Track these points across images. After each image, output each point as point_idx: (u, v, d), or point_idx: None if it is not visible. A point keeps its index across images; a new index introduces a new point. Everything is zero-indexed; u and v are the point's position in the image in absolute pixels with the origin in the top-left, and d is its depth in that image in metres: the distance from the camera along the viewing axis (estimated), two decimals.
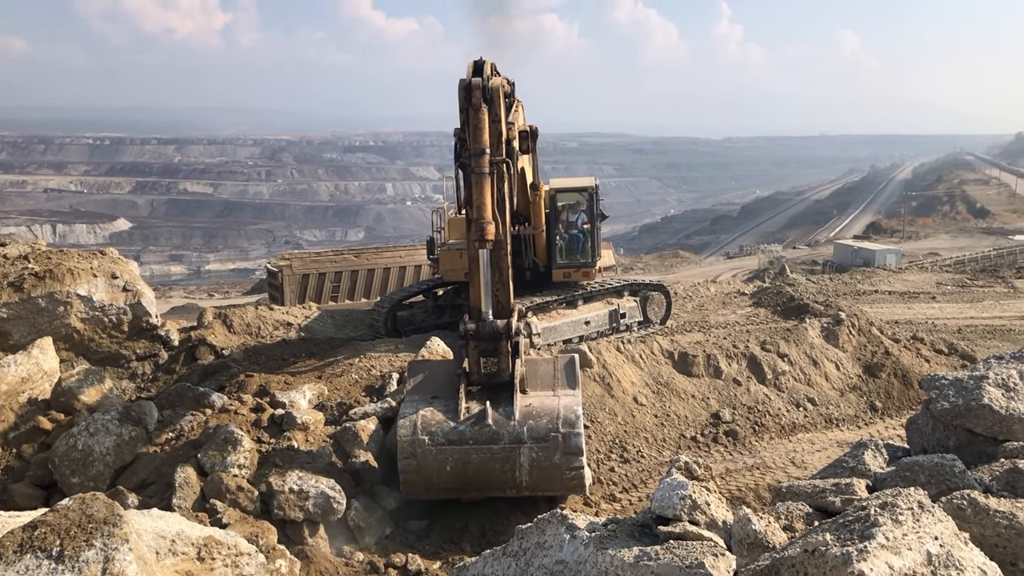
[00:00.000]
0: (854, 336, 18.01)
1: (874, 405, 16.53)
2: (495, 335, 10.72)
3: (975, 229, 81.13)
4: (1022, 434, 6.78)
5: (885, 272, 36.46)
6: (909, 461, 5.33)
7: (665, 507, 4.54)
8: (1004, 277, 32.73)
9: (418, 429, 10.31)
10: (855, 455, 6.87)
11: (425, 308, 18.95)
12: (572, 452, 10.41)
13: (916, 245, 69.44)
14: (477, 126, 10.45)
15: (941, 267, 42.54)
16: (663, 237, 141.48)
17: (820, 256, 66.77)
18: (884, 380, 17.01)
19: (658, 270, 56.87)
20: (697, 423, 15.27)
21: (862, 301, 26.72)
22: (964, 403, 6.93)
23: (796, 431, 15.62)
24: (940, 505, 3.80)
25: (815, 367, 17.04)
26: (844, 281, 32.06)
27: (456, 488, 10.60)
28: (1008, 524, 3.66)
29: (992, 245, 62.24)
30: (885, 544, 3.06)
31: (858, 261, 55.31)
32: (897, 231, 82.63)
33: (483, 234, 10.38)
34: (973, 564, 3.19)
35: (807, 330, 17.79)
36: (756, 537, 4.17)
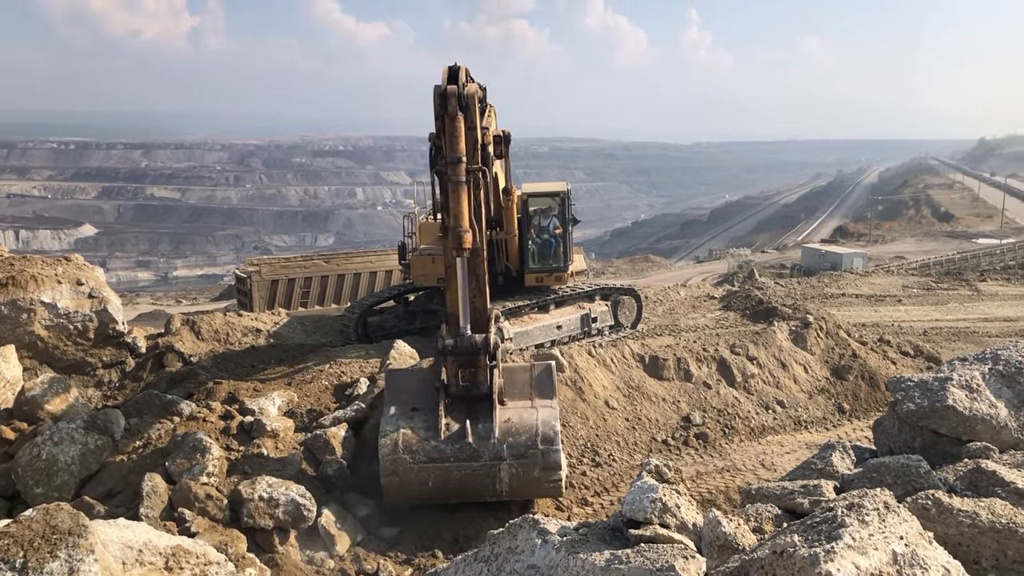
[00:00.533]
0: (822, 339, 18.20)
1: (842, 407, 16.71)
2: (473, 350, 10.70)
3: (940, 233, 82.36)
4: (985, 434, 6.89)
5: (852, 275, 36.90)
6: (876, 462, 5.40)
7: (636, 510, 4.56)
8: (968, 280, 33.26)
9: (399, 448, 10.37)
10: (823, 457, 6.94)
11: (396, 313, 18.89)
12: (551, 467, 10.56)
13: (882, 249, 70.33)
14: (453, 134, 10.39)
15: (907, 270, 43.16)
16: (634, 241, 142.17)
17: (788, 260, 67.39)
18: (851, 382, 17.21)
19: (629, 274, 57.09)
20: (668, 426, 15.34)
21: (830, 304, 27.03)
22: (929, 404, 7.03)
23: (765, 433, 15.74)
24: (905, 505, 3.85)
25: (784, 370, 17.20)
26: (812, 285, 32.41)
27: (438, 498, 10.75)
28: (971, 523, 3.71)
29: (956, 249, 63.20)
30: (852, 544, 3.10)
31: (826, 265, 55.91)
32: (864, 235, 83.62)
33: (461, 242, 10.34)
34: (937, 563, 3.23)
35: (776, 333, 17.95)
36: (726, 539, 4.20)
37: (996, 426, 6.89)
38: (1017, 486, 4.42)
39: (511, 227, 16.90)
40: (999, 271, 38.59)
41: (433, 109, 10.64)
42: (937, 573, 3.18)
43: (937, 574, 3.17)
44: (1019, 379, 7.16)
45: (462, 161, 10.38)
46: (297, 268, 27.84)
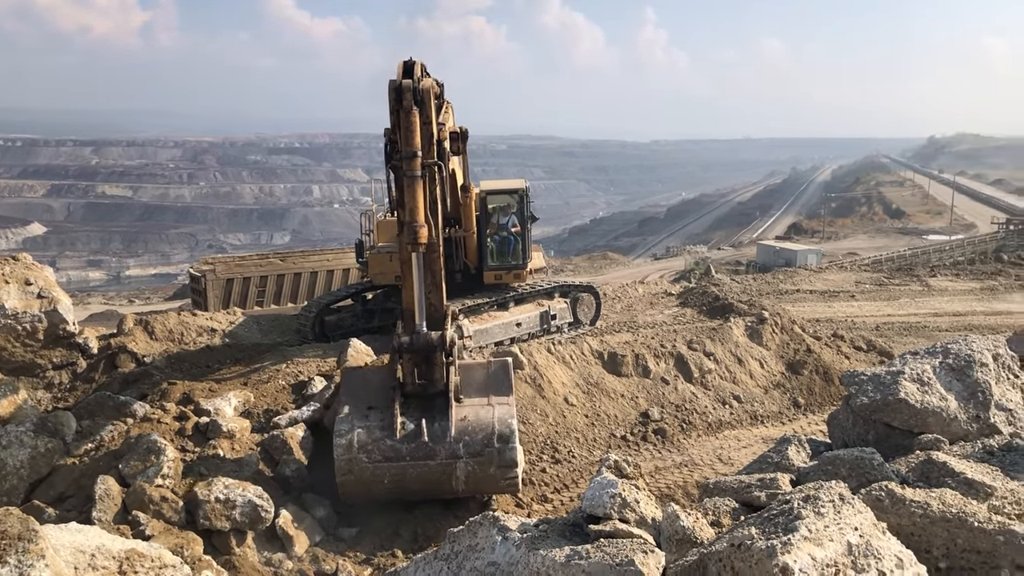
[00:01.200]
0: (777, 334, 18.44)
1: (797, 401, 16.96)
2: (429, 347, 10.63)
3: (891, 229, 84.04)
4: (936, 426, 7.04)
5: (806, 272, 37.48)
6: (830, 455, 5.48)
7: (595, 506, 4.57)
8: (919, 276, 33.96)
9: (354, 447, 10.27)
10: (779, 450, 7.03)
11: (354, 312, 18.75)
12: (507, 465, 10.52)
13: (836, 245, 71.57)
14: (408, 128, 10.32)
15: (860, 266, 43.87)
16: (592, 239, 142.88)
17: (744, 257, 68.29)
18: (806, 377, 17.47)
19: (588, 272, 57.37)
20: (627, 422, 15.43)
21: (784, 300, 27.42)
22: (882, 398, 7.15)
23: (723, 428, 15.91)
24: (860, 497, 3.91)
25: (740, 365, 17.40)
26: (767, 281, 32.84)
27: (394, 496, 10.70)
28: (923, 513, 3.78)
29: (908, 245, 64.45)
30: (808, 536, 3.14)
31: (780, 261, 56.75)
32: (817, 232, 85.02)
33: (416, 237, 10.28)
34: (890, 552, 3.29)
35: (732, 329, 18.15)
36: (684, 533, 4.23)
37: (946, 418, 7.03)
38: (966, 476, 4.52)
39: (469, 224, 16.87)
40: (949, 267, 39.44)
41: (388, 104, 10.56)
42: (890, 563, 3.23)
43: (890, 564, 3.23)
44: (968, 372, 7.31)
45: (417, 156, 10.31)
46: (253, 267, 27.51)
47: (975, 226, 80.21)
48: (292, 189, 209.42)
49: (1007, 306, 27.43)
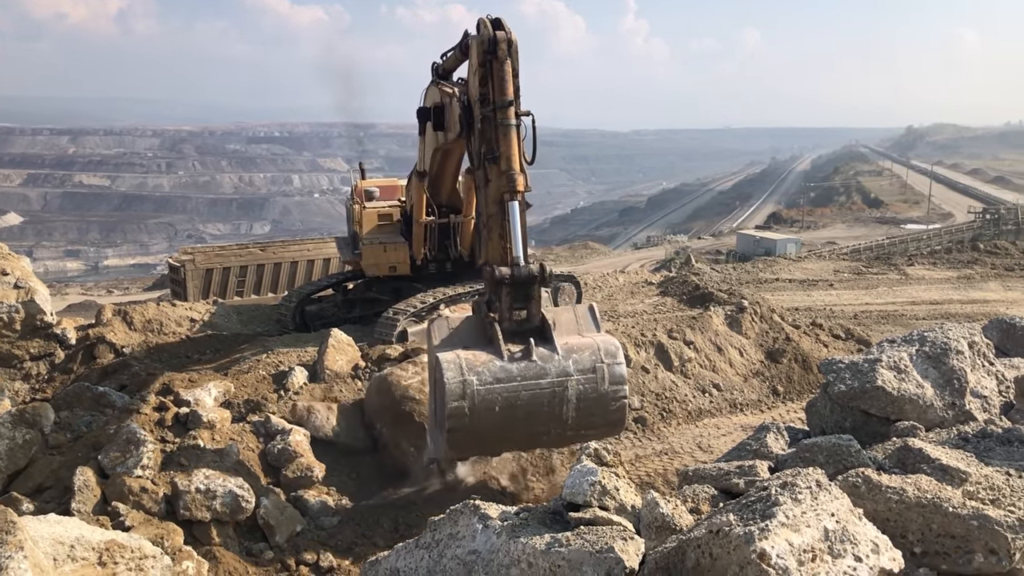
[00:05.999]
0: (756, 323, 18.56)
1: (776, 389, 17.09)
2: (531, 279, 10.22)
3: (870, 219, 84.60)
4: (912, 413, 7.12)
5: (785, 261, 37.70)
6: (808, 443, 5.53)
7: (576, 494, 4.59)
8: (897, 265, 34.22)
9: (464, 370, 9.71)
10: (758, 438, 7.09)
11: (335, 302, 18.69)
12: (616, 382, 10.13)
13: (815, 234, 71.98)
14: (503, 78, 10.37)
15: (838, 256, 44.23)
16: (573, 228, 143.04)
17: (724, 246, 68.50)
18: (785, 365, 17.60)
19: (569, 261, 57.42)
20: None
21: (764, 289, 27.56)
22: (859, 386, 7.22)
23: (702, 416, 16.02)
24: (837, 483, 3.95)
25: (720, 354, 17.50)
26: (747, 270, 32.99)
27: (501, 432, 10.07)
28: (898, 499, 3.83)
29: (886, 234, 65.00)
30: (785, 522, 3.17)
31: (760, 250, 56.99)
32: (797, 221, 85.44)
33: (514, 185, 10.21)
34: (867, 538, 3.33)
35: (712, 318, 18.25)
36: (664, 520, 4.26)
37: (923, 405, 7.12)
38: (942, 463, 4.57)
39: (469, 210, 16.71)
40: (926, 256, 39.74)
41: (473, 56, 10.69)
42: (866, 548, 3.27)
43: (866, 549, 3.27)
44: (944, 360, 7.40)
45: (512, 104, 10.34)
46: (232, 257, 27.33)
47: (952, 215, 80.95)
48: (272, 179, 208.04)
49: (983, 294, 27.70)
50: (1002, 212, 63.37)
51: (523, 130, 10.70)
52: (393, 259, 17.18)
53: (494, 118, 10.41)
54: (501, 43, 10.40)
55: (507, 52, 10.43)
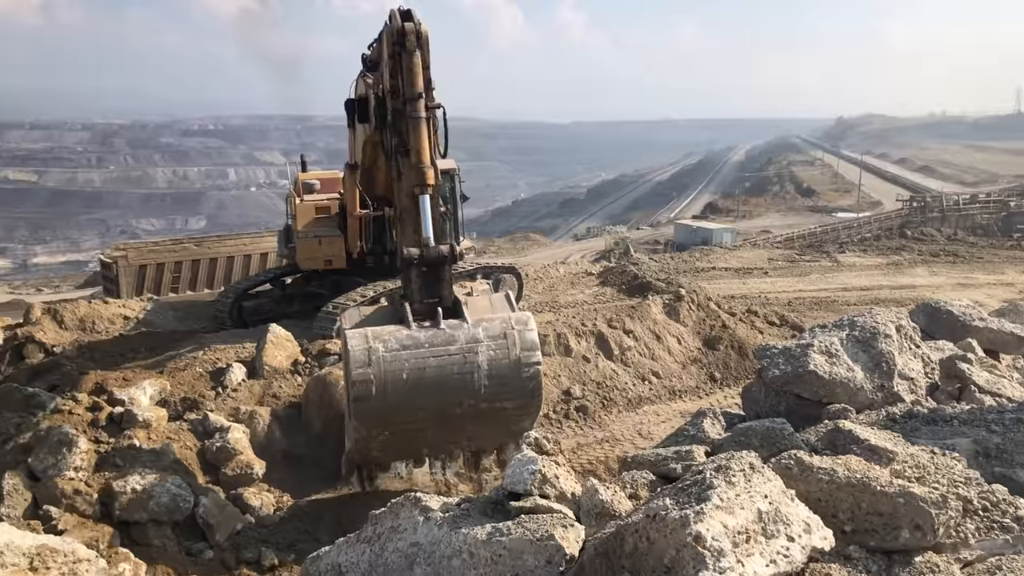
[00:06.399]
0: (694, 311, 18.83)
1: (713, 376, 17.37)
2: (440, 259, 10.17)
3: (803, 208, 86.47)
4: (843, 396, 7.33)
5: (722, 250, 38.35)
6: (743, 427, 5.66)
7: (516, 483, 4.62)
8: (828, 252, 35.11)
9: (370, 338, 9.50)
10: (695, 424, 7.24)
11: (273, 297, 18.43)
12: (529, 347, 9.92)
13: (750, 224, 73.29)
14: (412, 70, 10.22)
15: (772, 244, 45.17)
16: (514, 220, 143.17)
17: (662, 236, 69.30)
18: (722, 352, 17.90)
19: (510, 253, 57.55)
20: (549, 400, 15.57)
21: (701, 278, 28.01)
22: (792, 370, 7.42)
23: (642, 404, 16.21)
24: (770, 466, 4.05)
25: (659, 342, 17.72)
26: (684, 259, 33.49)
27: (411, 402, 9.68)
28: (829, 480, 3.94)
29: (818, 223, 66.40)
30: (720, 505, 3.24)
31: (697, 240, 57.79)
32: (733, 211, 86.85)
33: (424, 179, 10.08)
34: (799, 518, 3.42)
35: (650, 307, 18.46)
36: (603, 506, 4.32)
37: (853, 388, 7.34)
38: (870, 443, 4.72)
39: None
40: (856, 243, 40.89)
41: (385, 49, 10.49)
42: (799, 528, 3.37)
43: (799, 529, 3.36)
44: (873, 344, 7.64)
45: (422, 97, 10.20)
46: (167, 252, 26.74)
47: (881, 204, 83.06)
48: (207, 172, 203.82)
49: (911, 279, 28.57)
50: (928, 200, 65.23)
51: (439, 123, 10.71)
52: (328, 253, 16.99)
53: (404, 111, 10.29)
54: (409, 34, 10.27)
55: (416, 43, 10.28)
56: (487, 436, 10.57)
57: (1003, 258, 32.92)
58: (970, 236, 42.78)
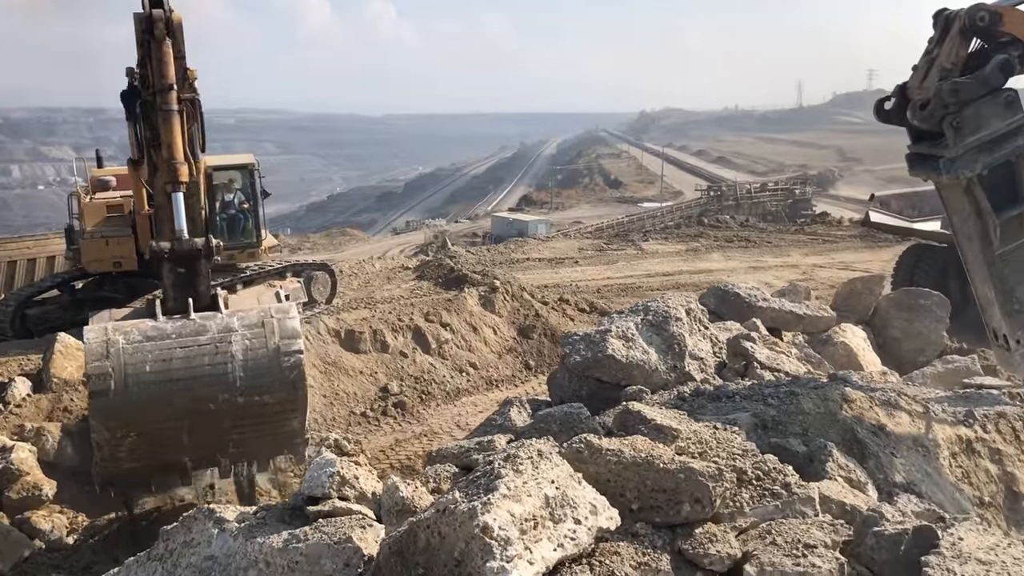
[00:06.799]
0: (508, 302, 19.20)
1: (528, 364, 17.78)
2: (194, 253, 9.48)
3: (611, 199, 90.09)
4: (640, 378, 7.69)
5: (535, 241, 39.22)
6: (543, 413, 5.81)
7: (314, 487, 4.52)
8: (633, 241, 36.68)
9: (109, 331, 8.67)
10: (502, 413, 7.38)
11: (61, 304, 17.08)
12: (289, 335, 9.28)
13: (563, 215, 75.53)
14: (161, 59, 9.46)
15: (583, 234, 46.69)
16: (330, 216, 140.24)
17: (480, 229, 70.09)
18: (536, 340, 18.36)
19: (327, 249, 56.28)
20: (366, 398, 15.43)
21: (515, 269, 28.54)
22: (592, 356, 7.70)
23: (460, 395, 16.36)
24: (562, 450, 4.18)
25: (475, 333, 17.94)
26: (500, 251, 34.01)
27: (158, 398, 8.76)
28: (617, 460, 4.11)
29: (625, 213, 69.37)
30: (507, 494, 3.30)
31: (513, 232, 58.88)
32: (547, 203, 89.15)
33: (176, 175, 9.41)
34: (585, 500, 3.54)
35: (466, 299, 18.65)
36: (404, 504, 4.30)
37: (648, 370, 7.71)
38: (656, 423, 4.97)
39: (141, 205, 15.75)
40: (659, 231, 42.95)
41: (136, 37, 9.68)
42: (585, 510, 3.49)
43: (585, 511, 3.48)
44: (666, 327, 8.06)
45: (173, 88, 9.48)
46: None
47: (682, 193, 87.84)
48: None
49: (708, 264, 30.36)
50: (723, 189, 69.62)
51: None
52: (117, 253, 15.91)
53: (155, 102, 9.68)
54: (158, 21, 9.60)
55: (165, 31, 9.62)
56: (254, 443, 9.67)
57: (789, 242, 35.56)
58: (760, 222, 45.88)
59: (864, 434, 5.82)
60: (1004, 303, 6.70)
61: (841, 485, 4.93)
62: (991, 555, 3.76)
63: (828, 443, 5.38)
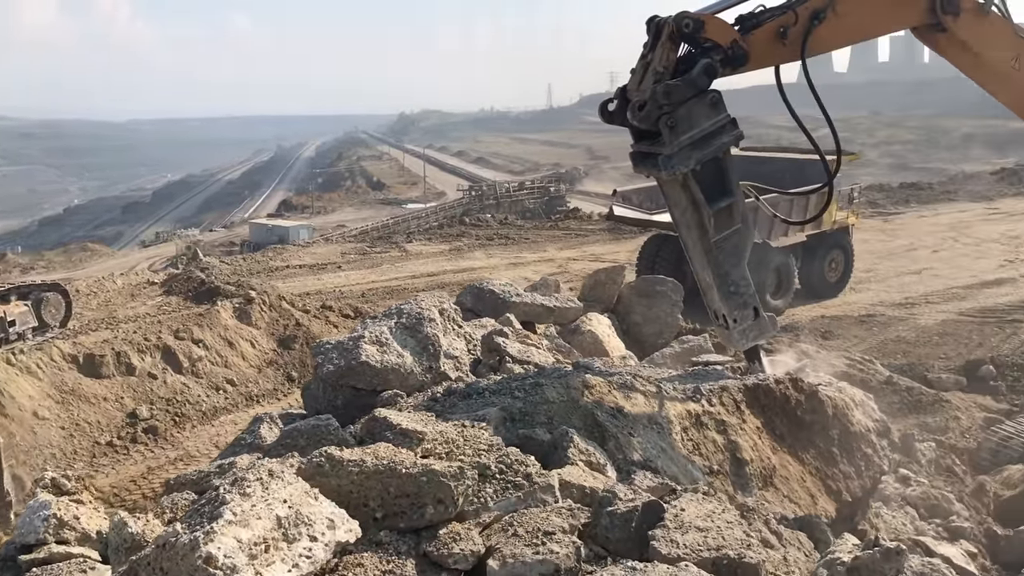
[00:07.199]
0: (266, 312, 18.54)
1: (291, 375, 17.28)
2: None
3: (375, 201, 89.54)
4: (396, 382, 7.64)
5: (295, 248, 38.25)
6: (290, 428, 5.63)
7: (28, 533, 4.10)
8: (398, 243, 36.70)
9: None
10: (252, 430, 7.06)
11: None
12: None
13: (326, 219, 74.09)
14: None
15: (346, 238, 46.06)
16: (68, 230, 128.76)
17: (238, 237, 67.26)
18: (298, 351, 17.87)
19: (64, 267, 51.57)
20: (112, 426, 14.35)
21: (275, 277, 27.67)
22: (346, 363, 7.55)
23: (219, 414, 15.61)
24: (302, 466, 4.05)
25: (231, 348, 17.17)
26: (257, 260, 32.83)
27: None
28: (359, 470, 4.04)
29: (390, 215, 69.20)
30: (233, 520, 3.14)
31: (274, 239, 56.97)
32: (308, 207, 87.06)
33: None
34: (322, 515, 3.45)
35: (220, 313, 17.81)
36: (134, 540, 4.00)
37: (404, 373, 7.68)
38: (402, 427, 4.95)
39: None
40: (423, 232, 43.28)
41: None
42: (322, 526, 3.40)
43: (322, 527, 3.39)
44: (420, 328, 8.06)
45: None
46: None
47: (445, 194, 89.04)
48: None
49: (470, 263, 30.98)
50: (484, 189, 71.31)
51: None
52: None
53: None
54: None
55: None
56: None
57: (545, 237, 37.04)
58: (519, 220, 47.44)
59: (604, 417, 6.13)
60: (721, 286, 7.32)
61: (582, 469, 5.15)
62: (708, 522, 4.09)
63: (570, 429, 5.60)
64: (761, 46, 7.14)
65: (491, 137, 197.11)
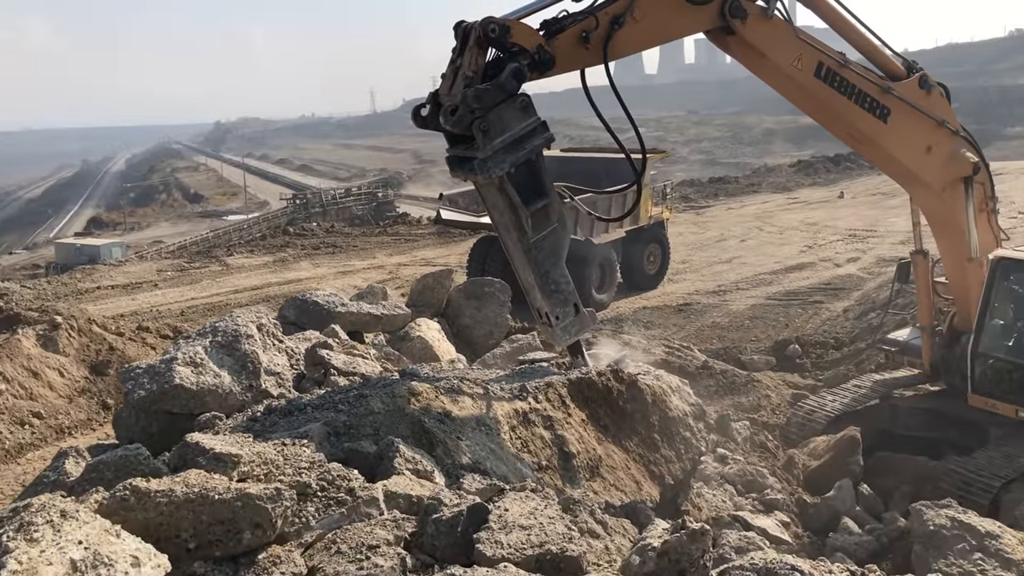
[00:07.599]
0: (75, 338, 17.27)
1: (106, 403, 16.14)
2: None
3: (193, 214, 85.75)
4: (214, 404, 7.32)
5: (106, 267, 35.96)
6: (94, 462, 5.27)
7: None
8: (218, 256, 35.23)
9: None
10: (56, 467, 6.55)
11: None
12: None
13: (141, 235, 70.28)
14: None
15: (162, 254, 43.80)
16: None
17: (43, 258, 62.63)
18: (112, 377, 16.72)
19: None
20: None
21: (85, 300, 25.91)
22: (159, 388, 7.16)
23: (25, 451, 14.36)
24: (105, 501, 3.80)
25: (36, 379, 15.86)
26: (64, 282, 30.63)
27: None
28: (168, 501, 3.83)
29: (210, 227, 66.42)
30: (18, 570, 2.90)
31: (83, 259, 53.38)
32: (120, 224, 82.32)
33: None
34: (124, 554, 3.24)
35: (21, 341, 16.42)
36: None
37: (223, 394, 7.37)
38: (216, 451, 4.74)
39: None
40: (246, 244, 41.77)
41: None
42: (125, 565, 3.19)
43: (125, 566, 3.18)
44: (237, 346, 7.76)
45: None
46: None
47: (268, 203, 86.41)
48: None
49: (297, 274, 30.18)
50: (309, 197, 69.76)
51: None
52: None
53: None
54: None
55: None
56: None
57: (374, 244, 36.64)
58: (347, 227, 46.66)
59: (431, 423, 6.11)
60: (542, 285, 7.48)
61: (408, 478, 5.11)
62: (531, 519, 4.15)
63: (395, 439, 5.55)
64: (566, 50, 7.35)
65: (314, 144, 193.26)
